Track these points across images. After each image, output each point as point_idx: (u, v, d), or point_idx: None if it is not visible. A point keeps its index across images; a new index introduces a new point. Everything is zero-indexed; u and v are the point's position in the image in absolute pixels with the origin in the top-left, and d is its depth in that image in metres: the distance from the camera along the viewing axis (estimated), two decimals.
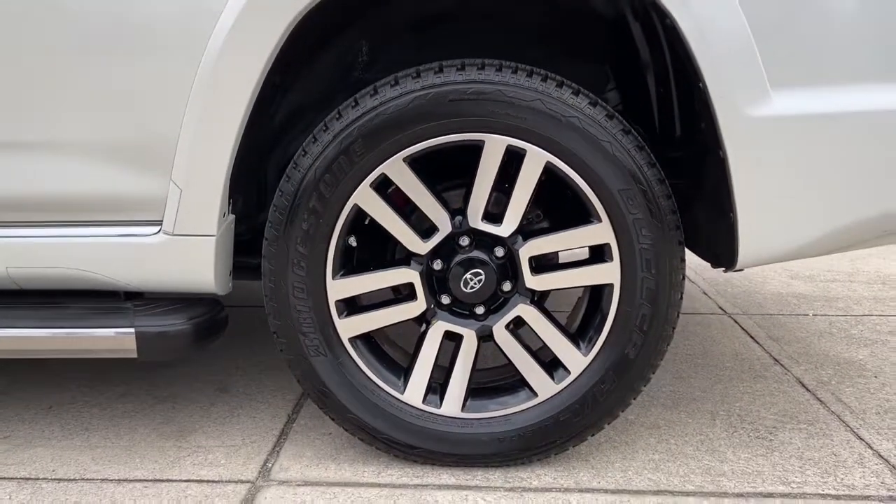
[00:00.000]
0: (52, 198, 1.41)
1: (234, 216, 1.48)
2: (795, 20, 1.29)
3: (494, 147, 1.35)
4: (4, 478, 1.47)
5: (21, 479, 1.47)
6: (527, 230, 1.43)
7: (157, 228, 1.41)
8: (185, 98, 1.33)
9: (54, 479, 1.46)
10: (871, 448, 1.58)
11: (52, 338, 1.42)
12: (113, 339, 1.42)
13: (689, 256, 1.61)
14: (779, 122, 1.31)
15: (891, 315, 2.49)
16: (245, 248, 1.59)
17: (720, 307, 2.58)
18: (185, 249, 1.41)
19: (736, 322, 2.42)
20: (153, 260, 1.42)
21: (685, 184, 1.53)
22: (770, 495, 1.40)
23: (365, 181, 1.37)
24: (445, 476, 1.46)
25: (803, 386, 1.90)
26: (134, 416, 1.73)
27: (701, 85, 1.29)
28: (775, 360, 2.08)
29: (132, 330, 1.42)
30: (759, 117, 1.30)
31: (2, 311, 1.45)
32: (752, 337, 2.28)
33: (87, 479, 1.46)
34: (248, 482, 1.45)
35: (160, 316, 1.44)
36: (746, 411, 1.75)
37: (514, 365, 1.47)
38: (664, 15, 1.29)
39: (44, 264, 1.44)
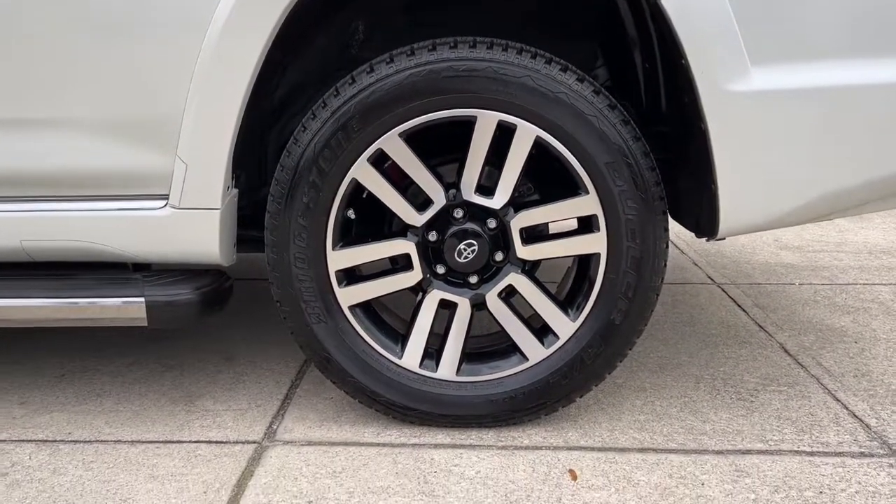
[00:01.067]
0: (61, 173, 1.48)
1: (237, 190, 1.55)
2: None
3: (486, 122, 1.42)
4: (24, 440, 1.55)
5: (39, 440, 1.55)
6: (518, 202, 1.50)
7: (163, 202, 1.48)
8: (188, 76, 1.39)
9: (70, 441, 1.55)
10: (846, 408, 1.66)
11: (66, 307, 1.50)
12: (124, 308, 1.49)
13: (681, 229, 1.69)
14: (758, 97, 1.37)
15: (874, 284, 2.56)
16: (248, 221, 1.65)
17: (709, 277, 2.66)
18: (191, 222, 1.47)
19: (724, 291, 2.49)
20: (160, 233, 1.49)
21: (671, 157, 1.59)
22: (748, 452, 1.48)
23: (362, 156, 1.43)
24: (441, 436, 1.55)
25: (785, 351, 1.98)
26: (144, 383, 1.81)
27: (683, 61, 1.35)
28: (760, 326, 2.16)
29: (142, 299, 1.49)
30: (739, 92, 1.36)
31: (18, 281, 1.52)
32: (738, 305, 2.35)
33: (102, 441, 1.55)
34: (254, 442, 1.53)
35: (168, 286, 1.52)
36: (730, 375, 1.83)
37: (506, 331, 1.54)
38: None
39: (55, 237, 1.50)
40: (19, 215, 1.50)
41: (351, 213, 1.50)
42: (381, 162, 1.46)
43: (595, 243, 1.48)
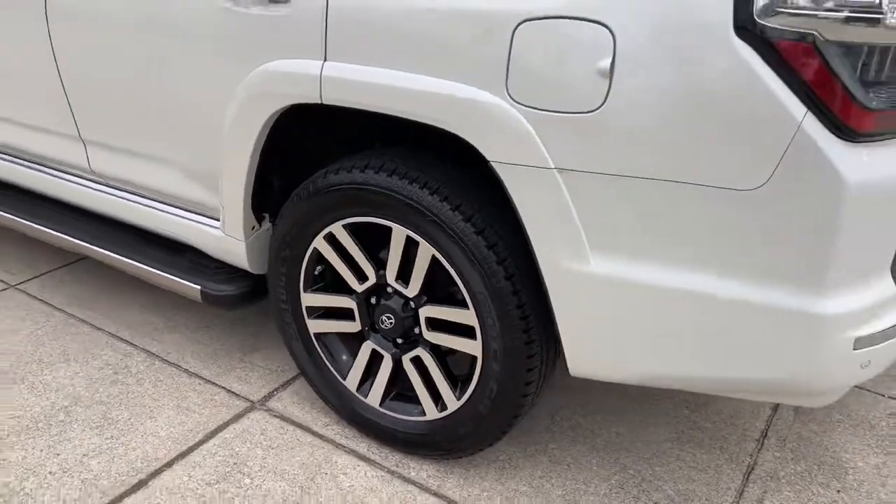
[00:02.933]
0: (162, 191, 2.18)
1: (271, 225, 2.10)
2: (611, 205, 1.42)
3: (398, 233, 1.74)
4: (145, 349, 2.41)
5: (151, 353, 2.39)
6: (429, 295, 1.81)
7: (215, 225, 2.11)
8: (220, 150, 1.94)
9: (163, 359, 2.36)
10: None
11: (158, 274, 2.23)
12: (187, 287, 2.18)
13: None
14: (594, 279, 1.48)
15: None
16: None
17: None
18: (230, 244, 2.08)
19: None
20: (218, 244, 2.13)
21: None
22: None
23: (319, 234, 1.87)
24: (362, 445, 2.02)
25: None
26: (227, 332, 2.55)
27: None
28: None
29: (199, 287, 2.17)
30: (577, 271, 1.49)
31: (138, 247, 2.30)
32: None
33: (178, 367, 2.33)
34: (250, 402, 2.18)
35: (218, 282, 2.17)
36: None
37: (413, 388, 1.92)
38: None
39: (160, 227, 2.24)
40: (148, 210, 2.26)
41: (318, 269, 1.97)
42: (336, 240, 1.88)
43: (474, 348, 1.75)
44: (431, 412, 1.89)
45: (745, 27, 1.23)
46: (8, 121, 2.49)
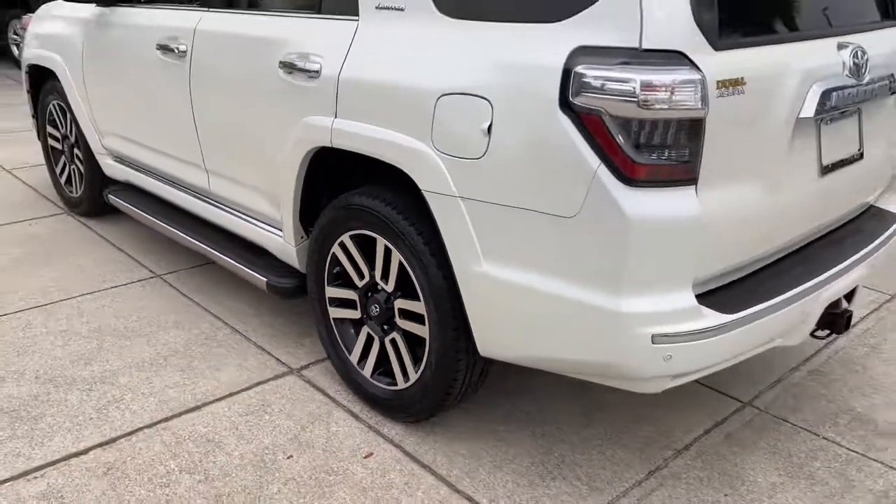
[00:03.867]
0: (245, 206, 3.00)
1: None
2: (491, 223, 1.99)
3: (380, 242, 2.40)
4: (226, 322, 3.22)
5: (231, 327, 3.19)
6: (402, 291, 2.44)
7: (280, 235, 2.88)
8: (278, 178, 2.71)
9: (240, 333, 3.14)
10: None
11: (235, 265, 3.04)
12: (257, 278, 2.96)
13: None
14: (486, 279, 2.05)
15: None
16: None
17: None
18: (287, 249, 2.84)
19: None
20: (280, 248, 2.90)
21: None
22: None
23: (335, 243, 2.57)
24: (356, 407, 2.65)
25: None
26: (289, 325, 3.30)
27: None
28: None
29: (265, 279, 2.94)
30: (475, 272, 2.06)
31: (224, 241, 3.13)
32: None
33: (247, 338, 3.10)
34: (289, 369, 2.89)
35: (278, 276, 2.93)
36: None
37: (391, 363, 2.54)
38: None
39: (251, 236, 3.06)
40: (240, 220, 3.09)
41: (336, 269, 2.66)
42: (346, 247, 2.58)
43: (424, 332, 2.35)
44: (401, 383, 2.50)
45: (565, 103, 1.79)
46: (160, 153, 3.47)
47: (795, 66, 1.94)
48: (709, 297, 1.96)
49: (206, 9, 3.02)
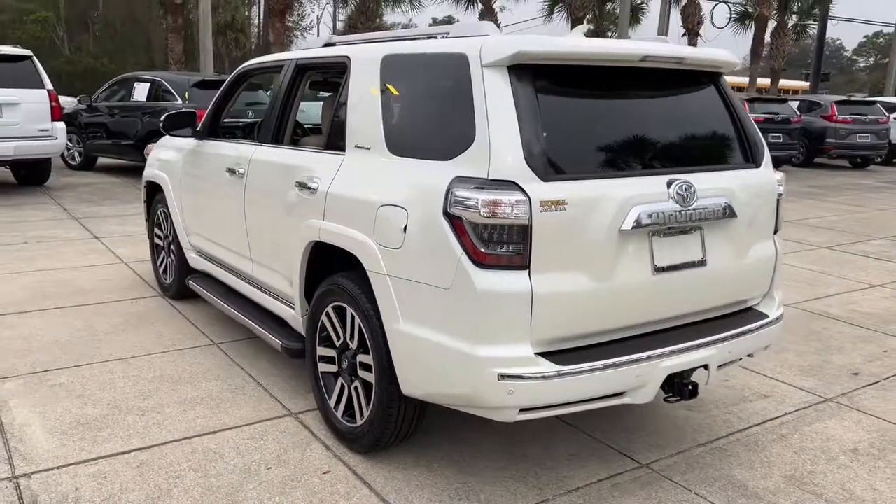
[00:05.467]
0: (268, 284, 3.98)
1: None
2: (405, 293, 2.84)
3: (348, 311, 3.27)
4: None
5: (257, 382, 4.10)
6: (363, 348, 3.27)
7: (293, 308, 3.82)
8: (292, 264, 3.67)
9: (260, 385, 4.04)
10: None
11: (266, 336, 3.98)
12: (276, 342, 3.88)
13: None
14: (402, 333, 2.87)
15: None
16: None
17: None
18: (296, 318, 3.76)
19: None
20: (294, 319, 3.82)
21: None
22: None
23: (323, 313, 3.46)
24: (331, 441, 3.45)
25: None
26: (299, 379, 4.16)
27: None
28: None
29: (280, 342, 3.86)
30: (396, 329, 2.89)
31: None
32: None
33: (264, 388, 3.99)
34: (289, 412, 3.74)
35: (290, 341, 3.83)
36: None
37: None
38: None
39: (275, 310, 4.01)
40: (269, 298, 4.05)
41: (324, 333, 3.54)
42: (330, 315, 3.46)
43: (372, 379, 3.16)
44: (357, 420, 3.30)
45: (445, 212, 2.67)
46: (224, 247, 4.56)
47: (615, 194, 2.74)
48: (556, 354, 2.71)
49: (259, 144, 4.15)
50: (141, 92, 12.57)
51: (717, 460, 3.43)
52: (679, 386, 2.95)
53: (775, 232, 3.40)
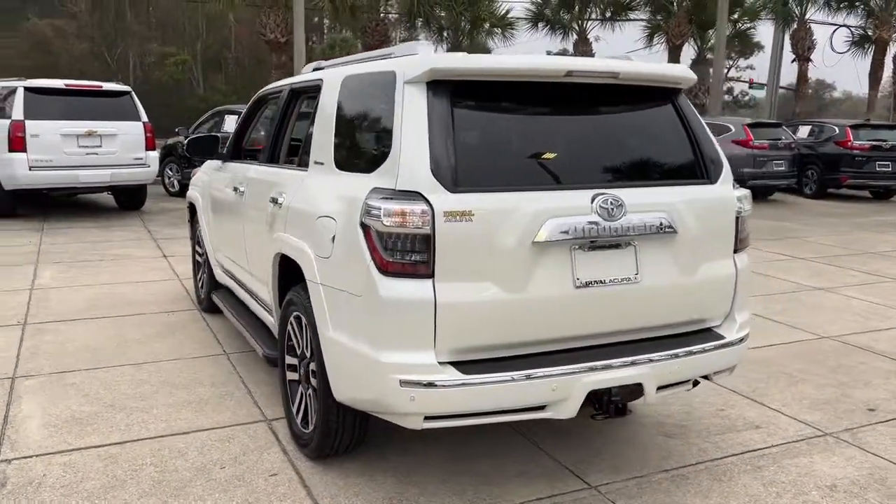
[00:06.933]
0: (263, 298, 4.17)
1: None
2: (333, 300, 2.94)
3: (303, 320, 3.41)
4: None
5: (248, 389, 4.29)
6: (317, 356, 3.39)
7: (274, 315, 3.99)
8: (269, 275, 3.86)
9: (250, 392, 4.22)
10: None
11: (253, 342, 4.17)
12: (259, 349, 4.07)
13: None
14: (331, 340, 2.97)
15: None
16: None
17: None
18: (275, 326, 3.94)
19: None
20: (274, 327, 4.00)
21: None
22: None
23: (287, 322, 3.62)
24: (290, 446, 3.57)
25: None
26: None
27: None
28: None
29: (262, 350, 4.03)
30: (328, 336, 3.00)
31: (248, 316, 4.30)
32: None
33: (252, 396, 4.17)
34: (265, 418, 3.89)
35: (270, 349, 4.00)
36: None
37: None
38: None
39: (264, 319, 4.21)
40: (259, 308, 4.26)
41: (290, 342, 3.69)
42: (293, 325, 3.61)
43: (319, 386, 3.26)
44: (309, 426, 3.41)
45: (361, 222, 2.76)
46: (234, 262, 4.82)
47: (528, 206, 2.73)
48: (469, 364, 2.72)
49: (256, 164, 4.40)
50: (230, 124, 13.39)
51: (673, 487, 3.29)
52: (607, 403, 2.89)
53: (737, 251, 3.27)
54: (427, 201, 2.63)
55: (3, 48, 42.65)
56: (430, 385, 2.63)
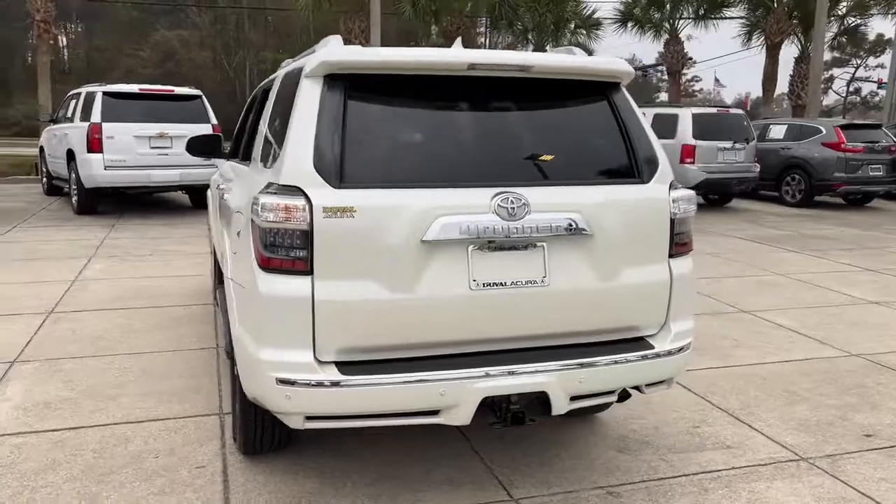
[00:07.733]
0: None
1: None
2: (238, 295, 2.94)
3: None
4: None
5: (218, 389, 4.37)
6: None
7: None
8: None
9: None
10: None
11: (225, 338, 4.24)
12: (224, 342, 4.13)
13: None
14: (237, 335, 2.97)
15: None
16: None
17: None
18: None
19: None
20: None
21: None
22: None
23: None
24: (231, 440, 3.61)
25: None
26: None
27: None
28: None
29: (225, 344, 4.10)
30: (236, 332, 3.00)
31: None
32: None
33: (220, 393, 4.24)
34: (219, 412, 3.95)
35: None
36: None
37: None
38: None
39: None
40: None
41: None
42: None
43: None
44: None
45: (251, 217, 2.75)
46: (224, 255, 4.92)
47: (416, 204, 2.62)
48: (354, 365, 2.65)
49: (233, 160, 4.48)
50: None
51: (603, 502, 3.10)
52: (505, 411, 2.75)
53: (673, 255, 3.04)
54: (306, 196, 2.59)
55: (130, 57, 45.66)
56: (304, 384, 2.58)
